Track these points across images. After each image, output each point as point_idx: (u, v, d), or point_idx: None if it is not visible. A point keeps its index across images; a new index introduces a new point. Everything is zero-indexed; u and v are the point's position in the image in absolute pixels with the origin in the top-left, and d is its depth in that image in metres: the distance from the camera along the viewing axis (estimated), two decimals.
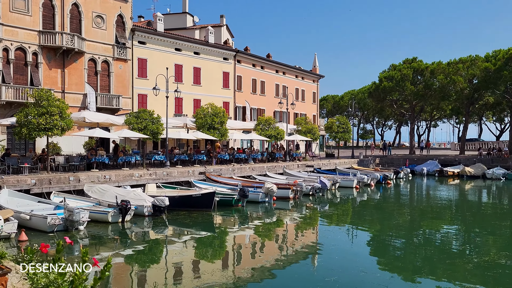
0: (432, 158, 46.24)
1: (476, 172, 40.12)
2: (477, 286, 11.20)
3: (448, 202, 27.46)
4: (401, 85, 47.69)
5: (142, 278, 12.17)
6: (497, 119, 76.21)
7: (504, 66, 43.38)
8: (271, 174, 32.11)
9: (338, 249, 15.20)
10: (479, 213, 23.88)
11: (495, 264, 13.17)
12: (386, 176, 35.73)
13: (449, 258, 13.98)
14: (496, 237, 17.57)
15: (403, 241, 16.77)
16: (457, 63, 47.34)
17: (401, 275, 12.33)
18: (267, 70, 50.54)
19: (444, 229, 19.43)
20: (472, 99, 49.30)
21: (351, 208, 25.21)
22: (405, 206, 26.16)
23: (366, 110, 78.16)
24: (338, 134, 44.44)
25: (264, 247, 15.97)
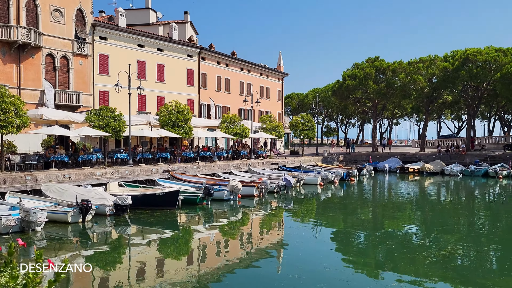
0: (393, 155, 47.33)
1: (435, 168, 41.32)
2: (435, 278, 11.46)
3: (409, 198, 28.15)
4: (364, 83, 48.54)
5: (104, 279, 11.83)
6: (455, 117, 78.90)
7: (461, 66, 44.86)
8: (236, 172, 32.01)
9: (302, 246, 15.26)
10: (438, 208, 24.58)
11: (452, 257, 13.56)
12: (349, 173, 36.30)
13: (410, 252, 14.28)
14: (453, 231, 18.11)
15: (366, 237, 17.03)
16: (417, 63, 48.62)
17: (363, 270, 12.50)
18: (232, 68, 50.37)
19: (405, 224, 19.88)
20: (432, 97, 50.76)
21: (315, 205, 25.44)
22: (368, 203, 26.64)
23: (330, 108, 79.20)
24: (303, 131, 44.80)
25: (229, 245, 15.87)
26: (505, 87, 42.78)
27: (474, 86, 47.42)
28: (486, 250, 14.88)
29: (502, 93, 44.62)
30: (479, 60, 44.26)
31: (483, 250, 14.91)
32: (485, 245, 15.63)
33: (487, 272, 12.17)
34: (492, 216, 22.31)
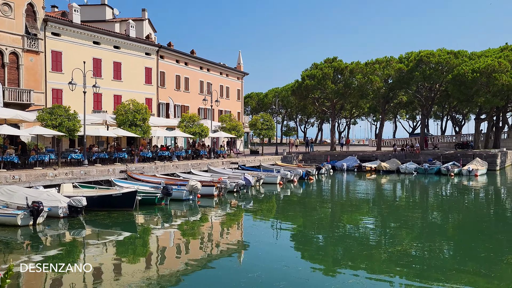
0: (351, 154, 48.23)
1: (391, 167, 42.41)
2: (391, 274, 11.70)
3: (366, 196, 28.73)
4: (323, 83, 49.19)
5: (57, 284, 11.34)
6: (410, 117, 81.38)
7: (415, 67, 46.27)
8: (195, 172, 31.67)
9: (262, 245, 15.23)
10: (393, 205, 25.20)
11: (407, 253, 13.89)
12: (308, 172, 36.68)
13: (366, 249, 14.53)
14: (408, 228, 18.59)
15: (325, 235, 17.20)
16: (374, 64, 49.77)
17: (322, 268, 12.59)
18: (191, 67, 49.84)
19: (362, 221, 20.25)
20: (388, 98, 52.11)
21: (275, 204, 25.51)
22: (326, 201, 26.98)
23: (289, 107, 79.86)
24: (262, 131, 44.93)
25: (188, 245, 15.62)
26: (456, 88, 44.44)
27: (427, 87, 49.02)
28: (438, 246, 15.34)
29: (453, 93, 46.34)
30: (432, 62, 45.79)
31: (436, 245, 15.37)
32: (438, 240, 16.12)
33: (440, 267, 12.53)
34: (444, 213, 23.08)
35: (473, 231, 17.83)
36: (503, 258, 13.20)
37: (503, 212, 23.42)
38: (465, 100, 47.25)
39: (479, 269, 12.16)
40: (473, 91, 43.69)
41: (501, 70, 42.06)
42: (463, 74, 43.03)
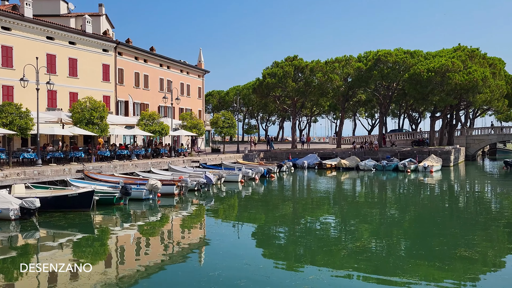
0: (312, 151, 48.78)
1: (350, 164, 43.18)
2: (350, 269, 11.85)
3: (326, 193, 29.10)
4: (283, 81, 49.47)
5: None
6: (369, 115, 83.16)
7: (373, 66, 47.29)
8: (155, 170, 31.13)
9: (223, 243, 15.10)
10: (353, 202, 25.63)
11: (366, 249, 14.13)
12: (270, 170, 36.80)
13: (327, 245, 14.67)
14: (367, 223, 18.93)
15: (286, 232, 17.26)
16: (334, 62, 50.49)
17: (283, 264, 12.60)
18: (151, 64, 48.96)
19: (323, 218, 20.47)
20: (347, 96, 53.03)
21: (236, 202, 25.42)
22: (288, 198, 27.13)
23: (250, 105, 79.88)
24: (224, 129, 44.75)
25: (148, 246, 15.28)
26: (412, 87, 45.76)
27: (385, 86, 50.20)
28: (396, 240, 15.71)
29: (410, 92, 47.69)
30: (390, 61, 46.93)
31: (394, 240, 15.73)
32: (395, 235, 16.51)
33: (397, 261, 12.81)
34: (401, 208, 23.69)
35: (429, 226, 18.34)
36: (456, 251, 13.63)
37: (456, 207, 24.27)
38: (421, 99, 48.73)
39: (434, 262, 12.50)
40: (428, 90, 45.12)
41: (454, 70, 43.61)
42: (419, 74, 44.34)
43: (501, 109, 61.61)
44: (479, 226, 17.82)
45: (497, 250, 14.30)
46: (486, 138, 58.24)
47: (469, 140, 57.54)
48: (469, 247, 14.19)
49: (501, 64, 55.67)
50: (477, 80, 43.44)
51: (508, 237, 16.38)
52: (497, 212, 21.87)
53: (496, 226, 17.93)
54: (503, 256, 13.73)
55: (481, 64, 48.29)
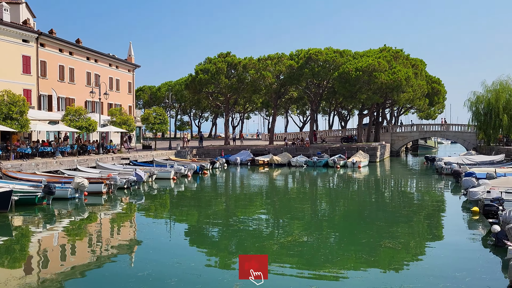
0: (245, 148, 48.98)
1: (282, 160, 43.85)
2: (281, 264, 11.94)
3: (259, 189, 29.31)
4: (216, 78, 49.19)
5: None
6: (300, 112, 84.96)
7: (305, 64, 48.31)
8: (82, 168, 29.72)
9: (154, 242, 14.65)
10: (285, 197, 26.01)
11: (297, 243, 14.34)
12: (202, 167, 36.47)
13: (259, 241, 14.71)
14: (299, 218, 19.25)
15: (219, 229, 17.11)
16: (266, 60, 50.97)
17: (215, 262, 12.46)
18: (77, 57, 46.65)
19: (255, 214, 20.56)
20: (279, 93, 53.79)
21: (168, 200, 24.89)
22: (221, 195, 26.99)
23: (183, 101, 78.69)
24: (155, 125, 43.71)
25: (74, 247, 14.47)
26: (341, 85, 47.31)
27: (316, 84, 51.49)
28: (326, 234, 16.11)
29: (339, 90, 49.27)
30: (320, 60, 48.18)
31: (324, 234, 16.12)
32: (326, 229, 16.93)
33: (327, 254, 13.11)
34: (331, 203, 24.39)
35: (356, 219, 19.00)
36: (381, 243, 14.19)
37: (382, 201, 25.39)
38: (350, 97, 50.52)
39: (361, 254, 12.93)
40: (357, 88, 46.87)
41: (380, 70, 45.62)
42: (348, 72, 45.91)
43: (422, 107, 65.53)
44: (402, 219, 18.71)
45: (418, 240, 15.08)
46: (409, 135, 61.58)
47: (393, 137, 60.55)
48: (393, 238, 14.84)
49: (423, 65, 59.12)
50: (401, 80, 45.73)
51: (428, 228, 17.34)
52: (418, 205, 23.12)
53: (417, 218, 18.92)
54: (424, 246, 14.49)
55: (405, 65, 50.94)
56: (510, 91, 46.45)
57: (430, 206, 22.70)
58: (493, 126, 46.33)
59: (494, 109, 46.03)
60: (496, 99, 46.12)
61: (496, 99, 46.16)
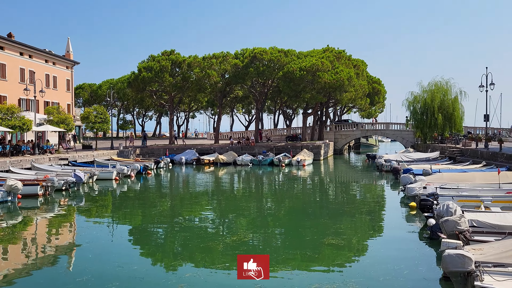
0: (190, 147, 48.38)
1: (228, 159, 43.71)
2: (227, 264, 11.81)
3: (204, 189, 29.01)
4: (160, 76, 48.24)
5: None
6: (246, 111, 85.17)
7: (250, 63, 48.42)
8: (15, 170, 28.07)
9: (94, 246, 14.04)
10: (230, 196, 25.89)
11: (242, 242, 14.29)
12: (146, 166, 35.61)
13: (204, 241, 14.50)
14: (244, 217, 19.21)
15: (163, 230, 16.72)
16: (211, 58, 50.61)
17: (159, 264, 12.14)
18: (9, 52, 44.09)
19: (201, 214, 20.30)
20: (225, 92, 53.61)
21: (110, 201, 24.05)
22: (165, 195, 26.44)
23: (126, 100, 76.51)
24: (96, 124, 42.15)
25: (6, 253, 13.56)
26: (286, 84, 47.85)
27: (261, 83, 51.76)
28: (271, 232, 16.16)
29: (284, 89, 49.81)
30: (265, 59, 48.49)
31: (269, 232, 16.16)
32: (271, 227, 16.99)
33: (272, 252, 13.11)
34: (276, 201, 24.56)
35: (301, 217, 19.21)
36: (324, 240, 14.42)
37: (326, 198, 25.90)
38: (294, 96, 51.21)
39: (305, 252, 13.06)
40: (301, 88, 47.58)
41: (323, 70, 46.59)
42: (292, 72, 46.51)
43: (364, 107, 67.72)
44: (345, 215, 19.14)
45: (360, 236, 15.47)
46: (352, 134, 63.37)
47: (337, 136, 62.06)
48: (336, 235, 15.12)
49: (364, 66, 61.07)
50: (343, 80, 46.93)
51: (369, 223, 17.85)
52: (360, 201, 23.78)
53: (359, 214, 19.43)
54: (365, 241, 14.88)
55: (347, 65, 52.35)
56: (444, 92, 49.01)
57: (371, 202, 23.42)
58: (429, 125, 48.70)
59: (430, 109, 48.38)
60: (432, 99, 48.52)
61: (431, 99, 48.54)
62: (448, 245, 9.63)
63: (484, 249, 9.57)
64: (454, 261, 8.60)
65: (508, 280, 8.21)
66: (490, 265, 8.67)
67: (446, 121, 48.16)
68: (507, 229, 11.75)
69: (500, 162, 29.08)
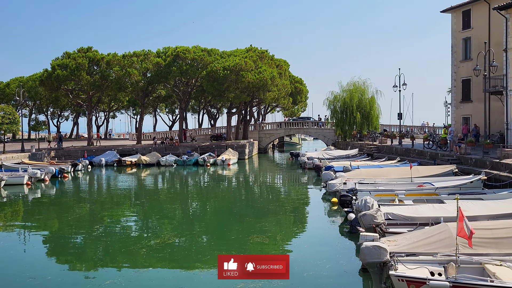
0: (111, 148, 46.51)
1: (151, 160, 42.59)
2: (150, 268, 11.47)
3: (126, 191, 28.01)
4: (77, 74, 45.80)
5: None
6: (169, 110, 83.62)
7: (172, 62, 47.55)
8: None
9: (2, 256, 12.95)
10: (154, 198, 25.21)
11: (167, 245, 13.93)
12: (62, 170, 33.59)
13: (126, 245, 13.97)
14: (169, 219, 18.79)
15: (83, 236, 15.87)
16: (132, 56, 48.94)
17: (77, 272, 11.52)
18: None
19: (123, 217, 19.55)
20: (147, 91, 52.18)
21: (21, 208, 22.40)
22: (84, 199, 25.15)
23: (38, 99, 71.78)
24: (3, 125, 39.05)
25: None
26: (210, 84, 47.58)
27: (184, 82, 51.01)
28: (196, 233, 15.94)
29: (208, 89, 49.48)
30: (188, 58, 47.83)
31: (194, 233, 15.93)
32: (196, 228, 16.76)
33: (197, 253, 12.96)
34: (201, 202, 24.32)
35: (227, 217, 19.17)
36: (249, 239, 14.48)
37: (251, 196, 26.09)
38: (218, 95, 51.06)
39: (231, 251, 12.99)
40: (225, 87, 47.54)
41: (247, 69, 46.90)
42: (216, 71, 46.34)
43: (287, 106, 69.20)
44: (270, 213, 19.36)
45: (284, 233, 15.74)
46: (276, 132, 64.48)
47: (261, 135, 62.80)
48: (261, 233, 15.23)
49: (286, 66, 62.37)
50: (266, 79, 47.56)
51: (293, 220, 18.23)
52: (284, 199, 24.23)
53: (283, 212, 19.77)
54: (289, 237, 15.15)
55: (270, 65, 53.09)
56: (362, 91, 51.36)
57: (294, 199, 23.93)
58: (349, 123, 50.80)
59: (349, 108, 50.46)
60: (351, 98, 50.66)
61: (350, 98, 50.68)
62: (366, 238, 10.02)
63: (398, 240, 10.08)
64: (371, 252, 8.99)
65: (419, 268, 8.74)
66: (403, 255, 9.15)
67: (364, 119, 50.47)
68: (418, 220, 12.50)
69: (412, 157, 30.98)
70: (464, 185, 19.24)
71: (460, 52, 36.23)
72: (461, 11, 35.83)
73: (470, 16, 35.07)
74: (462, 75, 35.95)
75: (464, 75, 35.56)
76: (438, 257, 9.09)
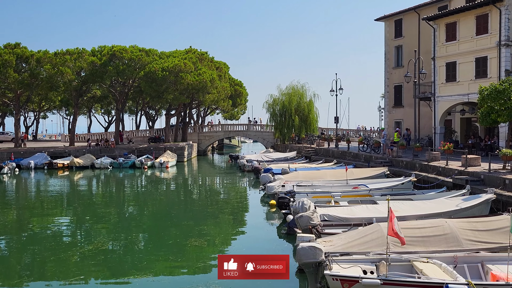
0: (41, 150, 44.18)
1: (85, 162, 40.97)
2: (82, 276, 10.98)
3: (58, 195, 26.74)
4: (3, 72, 43.09)
5: None
6: (105, 111, 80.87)
7: (109, 61, 46.02)
8: None
9: None
10: (88, 202, 24.21)
11: (101, 251, 13.45)
12: None
13: (56, 253, 13.28)
14: (103, 224, 18.10)
15: (7, 245, 14.91)
16: (65, 54, 46.81)
17: (3, 285, 10.73)
18: None
19: (53, 223, 18.58)
20: (81, 91, 50.11)
21: None
22: (10, 205, 23.66)
23: None
24: None
25: None
26: (148, 84, 46.55)
27: (121, 82, 49.53)
28: (133, 239, 15.48)
29: (146, 90, 48.36)
30: (125, 58, 46.49)
31: (130, 238, 15.46)
32: (133, 233, 16.27)
33: (134, 260, 12.57)
34: (138, 205, 23.66)
35: (164, 221, 18.79)
36: (187, 242, 14.29)
37: (190, 200, 25.76)
38: (156, 97, 50.06)
39: (168, 255, 12.79)
40: (163, 88, 46.72)
41: (186, 70, 46.39)
42: (154, 72, 45.43)
43: (227, 108, 69.21)
44: (209, 216, 19.23)
45: (223, 236, 15.68)
46: (215, 135, 64.23)
47: (200, 137, 62.31)
48: (199, 236, 15.08)
49: (226, 68, 62.40)
50: (206, 81, 47.29)
51: (232, 223, 18.22)
52: (223, 202, 24.15)
53: (222, 215, 19.70)
54: (228, 240, 15.13)
55: (210, 67, 52.87)
56: (300, 95, 52.43)
57: (234, 202, 23.92)
58: (287, 126, 51.66)
59: (287, 111, 51.31)
60: (289, 102, 51.54)
61: (289, 102, 51.56)
62: (302, 239, 10.20)
63: (333, 240, 10.34)
64: (307, 253, 9.16)
65: (352, 267, 9.02)
66: (338, 255, 9.41)
67: (303, 122, 51.52)
68: (353, 221, 12.91)
69: (348, 160, 31.99)
70: (395, 186, 20.16)
71: (392, 59, 38.01)
72: (394, 20, 37.62)
73: (402, 25, 36.92)
74: (395, 81, 37.72)
75: (396, 81, 37.33)
76: (371, 256, 9.42)
